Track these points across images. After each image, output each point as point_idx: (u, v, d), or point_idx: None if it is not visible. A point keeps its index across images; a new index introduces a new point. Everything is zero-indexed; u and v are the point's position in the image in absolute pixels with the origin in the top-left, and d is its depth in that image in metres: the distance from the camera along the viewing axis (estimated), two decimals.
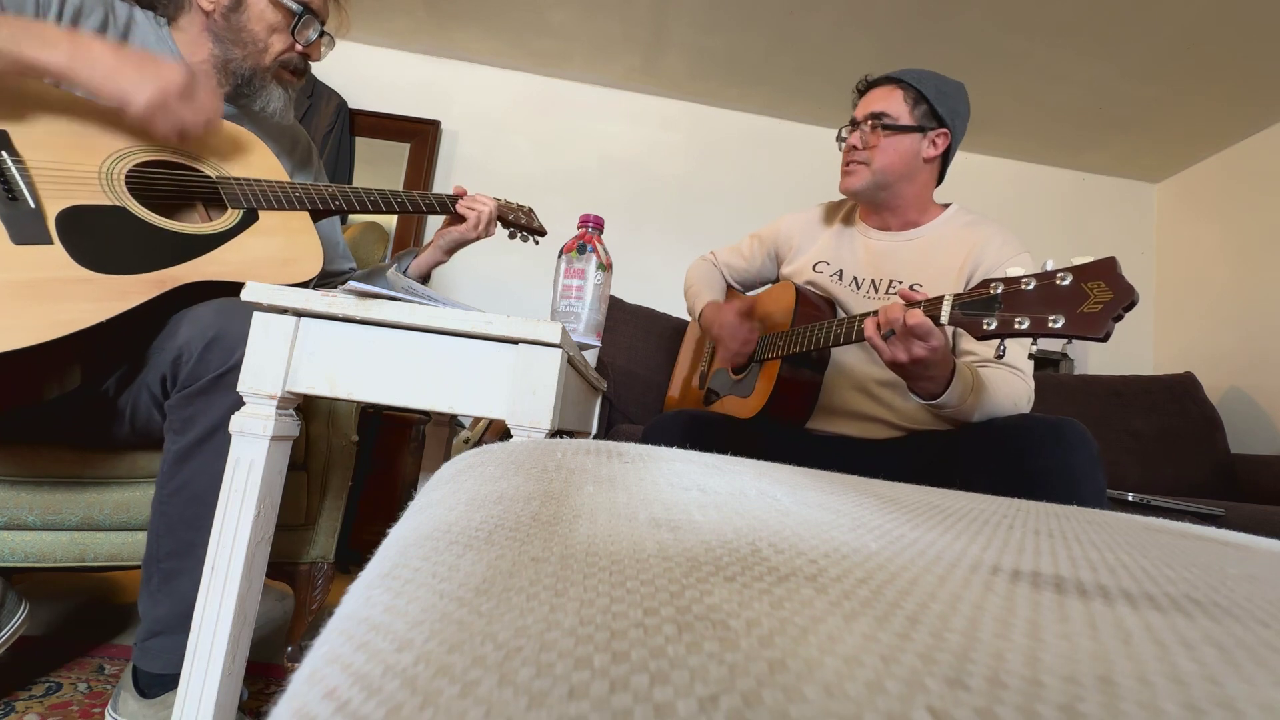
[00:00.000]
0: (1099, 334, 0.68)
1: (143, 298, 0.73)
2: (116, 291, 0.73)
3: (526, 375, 0.70)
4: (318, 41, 1.02)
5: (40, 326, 0.67)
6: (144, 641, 0.78)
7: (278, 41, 0.97)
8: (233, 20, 0.95)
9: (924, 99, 1.09)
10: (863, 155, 1.11)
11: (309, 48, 1.01)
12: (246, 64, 0.96)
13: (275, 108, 1.00)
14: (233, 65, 0.96)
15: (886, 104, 1.10)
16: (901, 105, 1.10)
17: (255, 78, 0.98)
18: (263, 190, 0.90)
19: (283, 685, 0.18)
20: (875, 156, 1.10)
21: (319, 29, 1.00)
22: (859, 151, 1.11)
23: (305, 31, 0.99)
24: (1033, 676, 0.12)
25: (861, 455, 1.07)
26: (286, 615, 1.29)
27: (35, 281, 0.70)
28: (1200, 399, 2.09)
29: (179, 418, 0.77)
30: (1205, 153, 2.54)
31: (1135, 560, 0.25)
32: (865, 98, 1.15)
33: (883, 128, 1.09)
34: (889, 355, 0.85)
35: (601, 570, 0.16)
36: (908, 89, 1.10)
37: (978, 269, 1.05)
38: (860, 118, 1.12)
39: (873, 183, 1.11)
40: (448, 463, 0.32)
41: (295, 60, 1.00)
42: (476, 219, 1.09)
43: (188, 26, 0.96)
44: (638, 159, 2.65)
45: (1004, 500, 0.45)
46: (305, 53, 1.01)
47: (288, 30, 0.97)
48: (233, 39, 0.95)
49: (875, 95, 1.13)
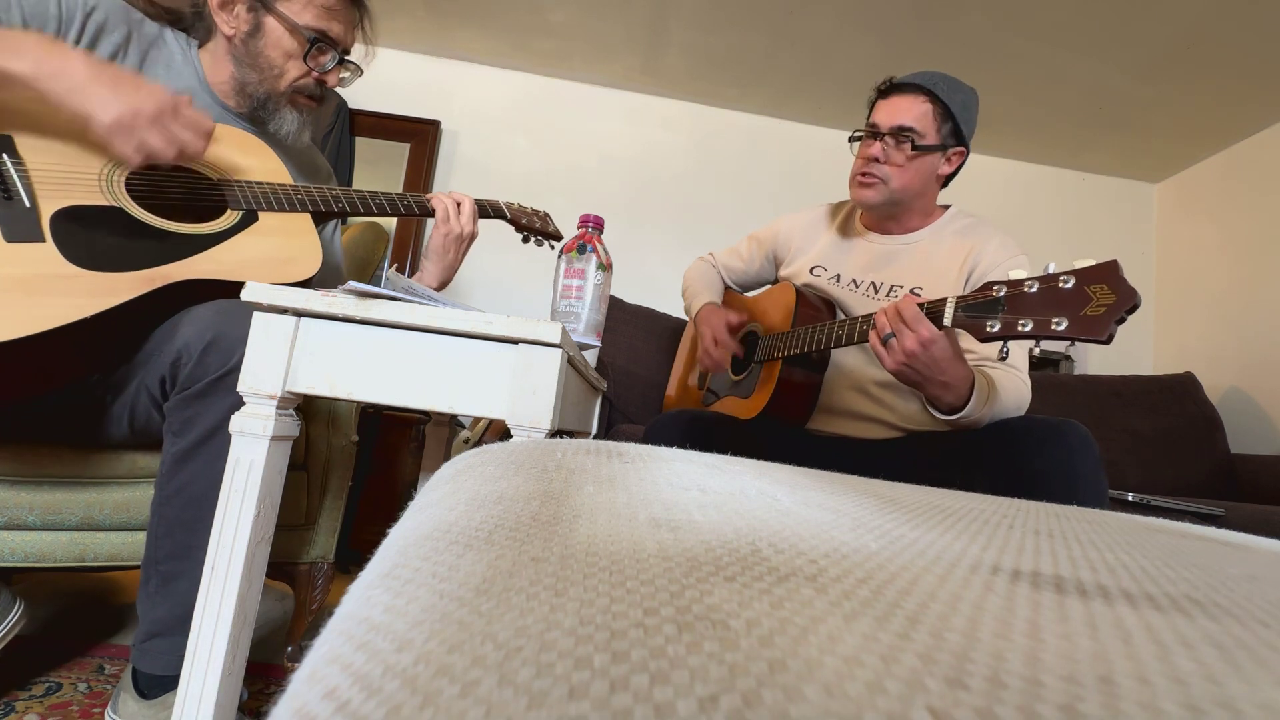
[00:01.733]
0: (1102, 336, 0.68)
1: (132, 294, 0.73)
2: (105, 288, 0.72)
3: (526, 375, 0.70)
4: (335, 69, 1.02)
5: (25, 320, 0.67)
6: (142, 643, 0.78)
7: (293, 68, 0.98)
8: (251, 46, 0.96)
9: (951, 116, 1.05)
10: (884, 171, 1.05)
11: (326, 74, 1.01)
12: (262, 88, 0.98)
13: (289, 130, 1.01)
14: (249, 88, 0.98)
15: (916, 119, 1.04)
16: (930, 122, 1.04)
17: (270, 101, 0.99)
18: (263, 192, 0.90)
19: (283, 685, 0.18)
20: (896, 175, 1.05)
21: (337, 57, 1.01)
22: (879, 165, 1.06)
23: (320, 59, 1.00)
24: (1033, 676, 0.12)
25: (861, 455, 1.07)
26: (286, 615, 1.29)
27: (24, 277, 0.70)
28: (1200, 399, 2.09)
29: (178, 420, 0.77)
30: (1205, 153, 2.54)
31: (1135, 560, 0.25)
32: (890, 102, 1.07)
33: (912, 146, 1.04)
34: (891, 363, 0.85)
35: (601, 570, 0.16)
36: (936, 103, 1.04)
37: (975, 271, 1.05)
38: (885, 128, 1.05)
39: (889, 200, 1.07)
40: (448, 463, 0.32)
41: (310, 86, 1.01)
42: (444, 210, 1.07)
43: (214, 49, 0.99)
44: (638, 159, 2.65)
45: (1004, 500, 0.45)
46: (321, 79, 1.01)
47: (302, 57, 0.98)
48: (250, 63, 0.97)
49: (902, 104, 1.05)
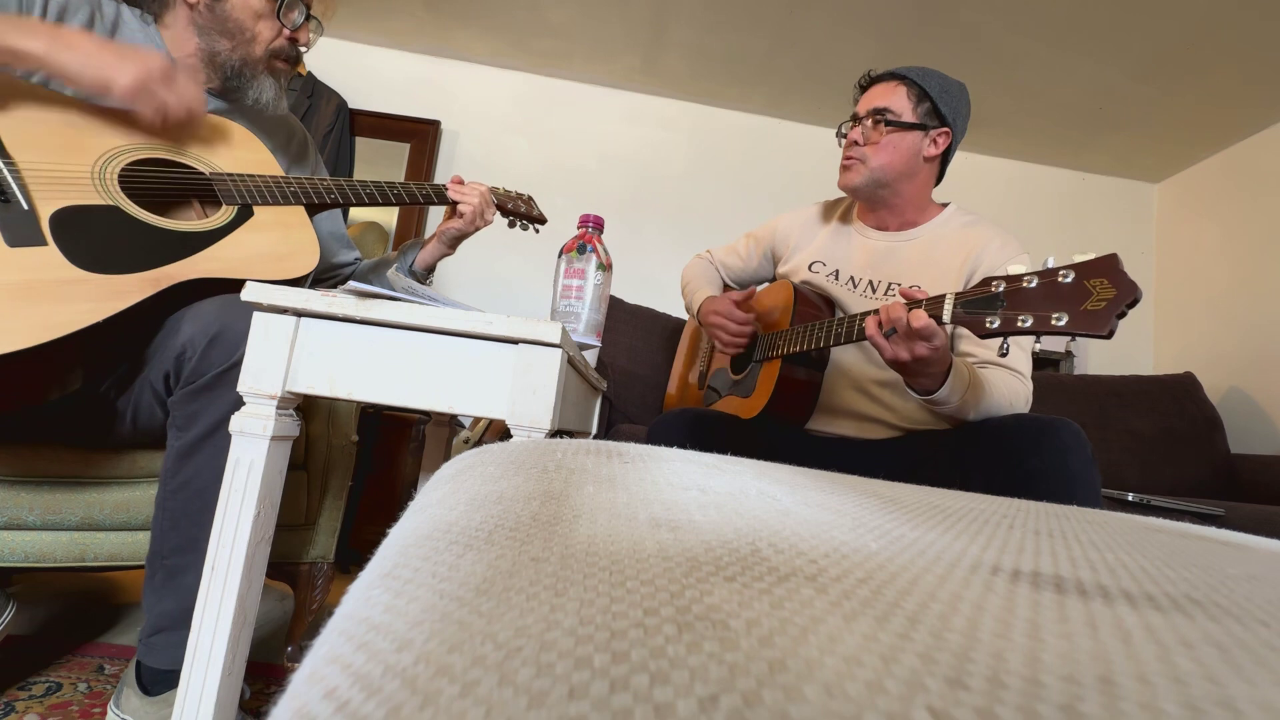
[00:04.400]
0: (1103, 331, 0.68)
1: (139, 296, 0.73)
2: (112, 291, 0.72)
3: (526, 375, 0.70)
4: (305, 25, 0.99)
5: (35, 329, 0.67)
6: (149, 637, 0.78)
7: (265, 29, 0.95)
8: (217, 11, 0.93)
9: (927, 96, 1.08)
10: (861, 152, 1.09)
11: (296, 32, 0.99)
12: (235, 55, 0.95)
13: (268, 98, 0.99)
14: (220, 58, 0.95)
15: (889, 100, 1.08)
16: (905, 102, 1.08)
17: (245, 68, 0.96)
18: (257, 186, 0.89)
19: (283, 685, 0.18)
20: (875, 153, 1.08)
21: (305, 12, 0.98)
22: (858, 148, 1.10)
23: (291, 14, 0.97)
24: (1033, 676, 0.12)
25: (861, 455, 1.07)
26: (286, 615, 1.29)
27: (30, 283, 0.70)
28: (1200, 399, 2.09)
29: (182, 414, 0.77)
30: (1205, 153, 2.54)
31: (1135, 560, 0.25)
32: (868, 93, 1.13)
33: (885, 124, 1.07)
34: (890, 354, 0.85)
35: (601, 570, 0.16)
36: (911, 85, 1.09)
37: (976, 270, 1.05)
38: (862, 113, 1.11)
39: (871, 180, 1.09)
40: (448, 463, 0.32)
41: (286, 48, 0.98)
42: (471, 213, 1.08)
43: (173, 23, 0.95)
44: (637, 158, 2.65)
45: (1004, 500, 0.45)
46: (294, 38, 0.99)
47: (274, 15, 0.95)
48: (219, 30, 0.94)
49: (878, 91, 1.11)
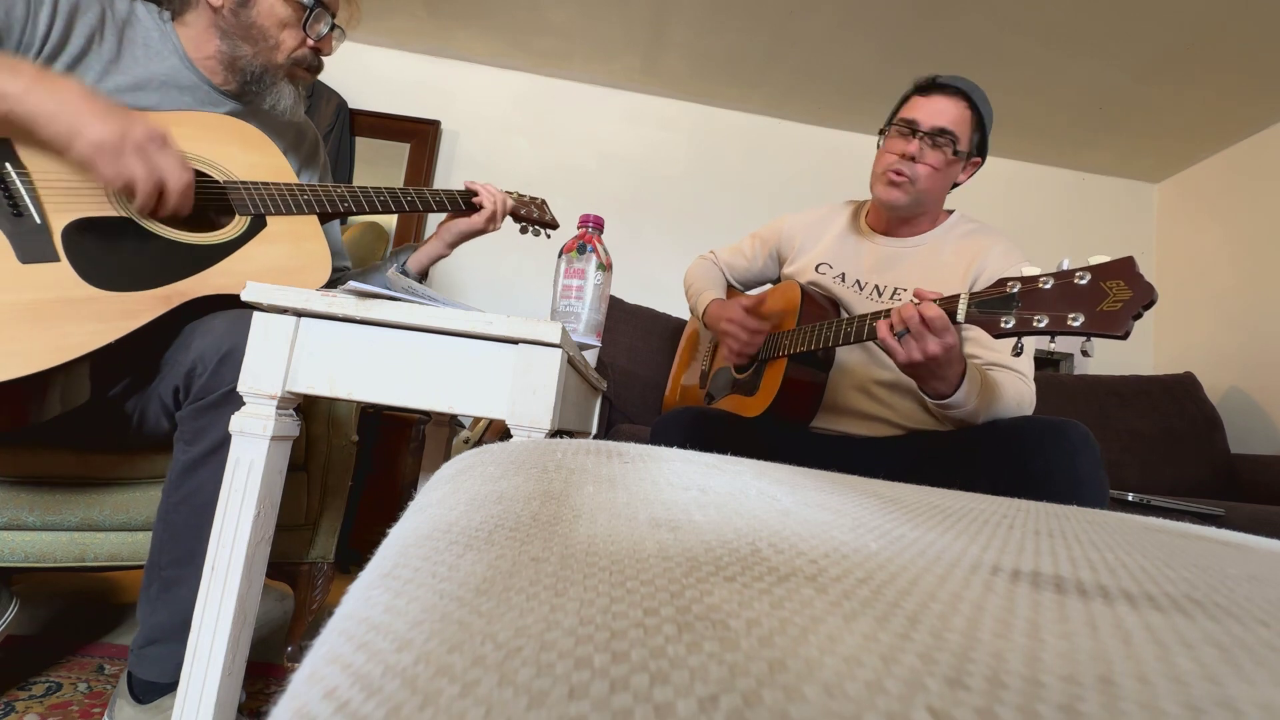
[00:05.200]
0: (1119, 332, 0.68)
1: (150, 316, 0.73)
2: (123, 310, 0.72)
3: (526, 375, 0.70)
4: (329, 35, 0.99)
5: (47, 352, 0.66)
6: (141, 648, 0.78)
7: (289, 38, 0.94)
8: (242, 16, 0.92)
9: (981, 125, 1.04)
10: (914, 171, 1.03)
11: (320, 42, 0.98)
12: (257, 61, 0.94)
13: (285, 105, 0.98)
14: (241, 62, 0.93)
15: (959, 124, 1.02)
16: (967, 129, 1.03)
17: (266, 74, 0.95)
18: (270, 195, 0.88)
19: (283, 685, 0.18)
20: (926, 178, 1.03)
21: (330, 22, 0.98)
22: (912, 165, 1.03)
23: (317, 26, 0.96)
24: (1033, 676, 0.12)
25: (863, 453, 1.07)
26: (286, 615, 1.29)
27: (42, 303, 0.68)
28: (1200, 399, 2.09)
29: (190, 429, 0.77)
30: (1206, 152, 2.54)
31: (1135, 560, 0.25)
32: (931, 101, 1.04)
33: (952, 151, 1.02)
34: (904, 356, 0.84)
35: (601, 570, 0.16)
36: (974, 112, 1.03)
37: (980, 276, 1.05)
38: (925, 126, 1.03)
39: (915, 200, 1.05)
40: (448, 463, 0.32)
41: (309, 57, 0.97)
42: (493, 211, 1.07)
43: (193, 22, 0.93)
44: (637, 159, 2.65)
45: (1004, 500, 0.45)
46: (317, 48, 0.98)
47: (299, 25, 0.94)
48: (242, 35, 0.92)
49: (944, 106, 1.03)
